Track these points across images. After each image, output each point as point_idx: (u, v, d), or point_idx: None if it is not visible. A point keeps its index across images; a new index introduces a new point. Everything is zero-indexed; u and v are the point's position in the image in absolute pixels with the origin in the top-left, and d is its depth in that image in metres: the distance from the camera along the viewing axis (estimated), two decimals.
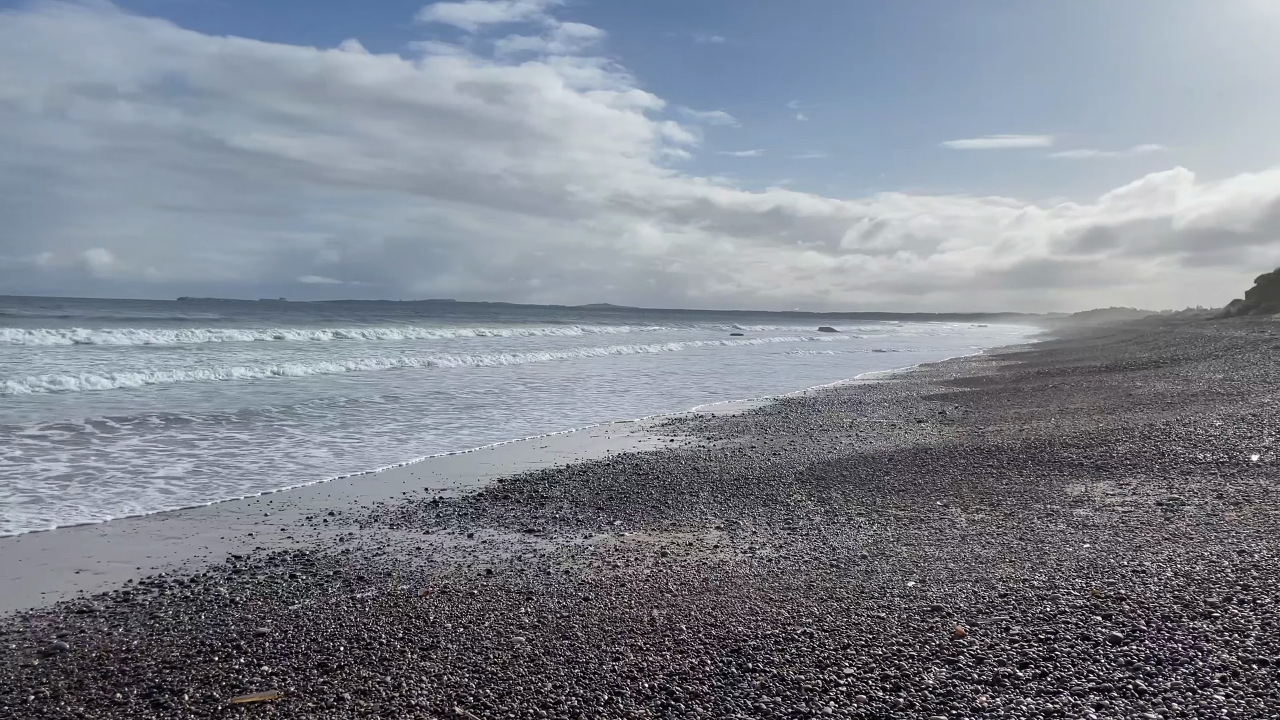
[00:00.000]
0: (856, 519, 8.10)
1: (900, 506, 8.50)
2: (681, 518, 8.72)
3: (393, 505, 9.97)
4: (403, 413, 18.22)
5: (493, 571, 6.89)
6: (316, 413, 17.78)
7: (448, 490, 10.80)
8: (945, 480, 9.58)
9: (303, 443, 14.04)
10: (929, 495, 8.92)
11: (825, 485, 9.81)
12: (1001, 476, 9.52)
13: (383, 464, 12.45)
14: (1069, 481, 9.12)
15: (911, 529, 7.53)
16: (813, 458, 11.89)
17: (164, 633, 5.51)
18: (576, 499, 9.90)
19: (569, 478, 11.22)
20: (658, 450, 13.55)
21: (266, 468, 12.09)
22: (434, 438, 14.90)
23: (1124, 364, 26.88)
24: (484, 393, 22.44)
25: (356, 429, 15.68)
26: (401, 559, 7.59)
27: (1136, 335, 52.39)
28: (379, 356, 33.91)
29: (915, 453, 11.54)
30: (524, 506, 9.67)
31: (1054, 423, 14.03)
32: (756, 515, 8.59)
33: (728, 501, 9.35)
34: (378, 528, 8.97)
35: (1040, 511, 7.87)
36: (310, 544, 8.29)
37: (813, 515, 8.39)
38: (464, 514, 9.40)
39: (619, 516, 8.92)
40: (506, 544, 7.96)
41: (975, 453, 11.06)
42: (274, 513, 9.63)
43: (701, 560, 6.88)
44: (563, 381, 26.78)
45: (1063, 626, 4.42)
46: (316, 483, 11.09)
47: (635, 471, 11.46)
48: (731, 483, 10.36)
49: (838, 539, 7.30)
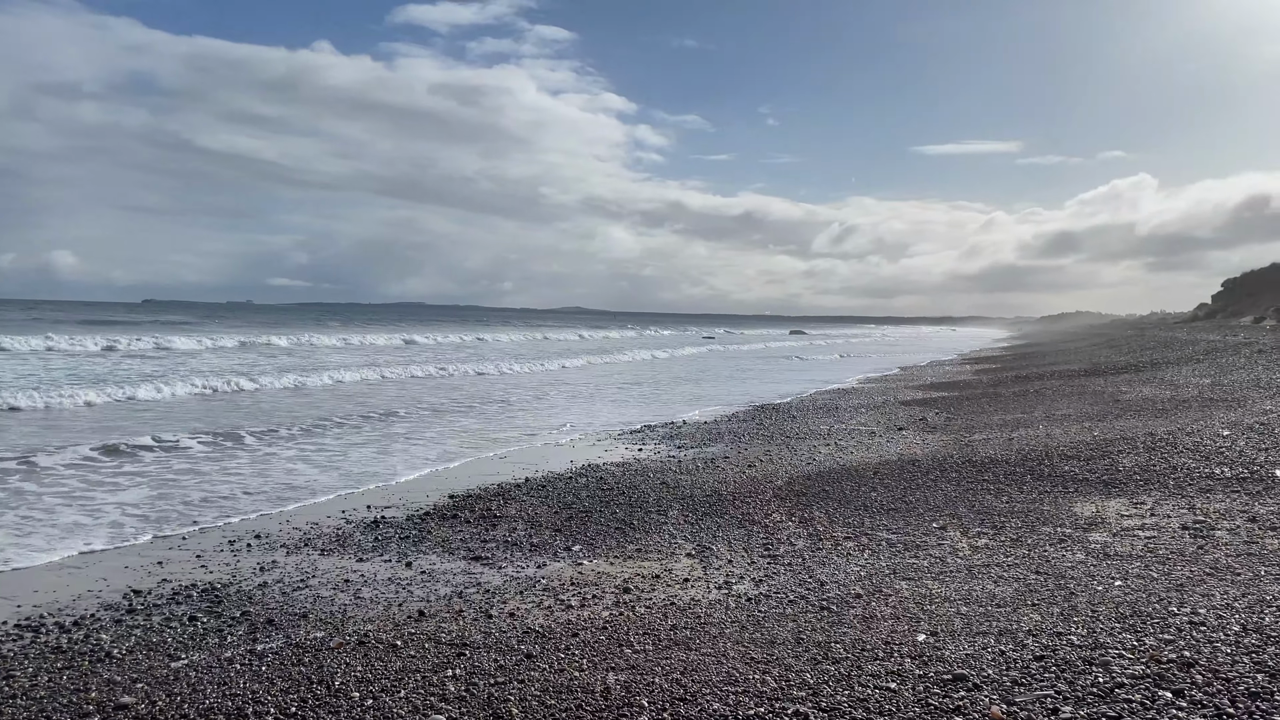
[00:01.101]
0: (844, 544, 7.19)
1: (892, 529, 7.61)
2: (649, 542, 7.77)
3: (328, 526, 8.95)
4: (370, 423, 17.12)
5: (425, 614, 5.90)
6: (269, 425, 16.64)
7: (392, 508, 9.78)
8: (938, 497, 8.70)
9: (258, 456, 12.92)
10: (922, 515, 8.04)
11: (807, 503, 8.91)
12: (1000, 493, 8.66)
13: (327, 474, 11.39)
14: (1076, 499, 8.27)
15: (908, 557, 6.63)
16: (791, 470, 10.99)
17: (5, 703, 4.47)
18: (533, 519, 8.93)
19: (527, 493, 10.24)
20: (625, 461, 12.60)
21: (203, 483, 10.99)
22: (397, 447, 13.84)
23: (1102, 368, 26.30)
24: (450, 399, 21.37)
25: (315, 440, 14.58)
26: (325, 594, 6.58)
27: (1107, 339, 52.20)
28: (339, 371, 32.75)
29: (902, 465, 10.68)
30: (474, 528, 8.69)
31: (1044, 430, 13.24)
32: (732, 539, 7.66)
33: (700, 522, 8.41)
34: (306, 553, 7.95)
35: (1051, 536, 7.00)
36: (225, 574, 7.26)
37: (794, 539, 7.48)
38: (406, 537, 8.41)
39: (578, 540, 7.96)
40: (448, 575, 6.98)
41: (967, 465, 10.20)
42: (194, 536, 8.57)
43: (670, 599, 5.93)
44: (534, 386, 25.75)
45: (1125, 708, 3.50)
46: (250, 499, 10.01)
47: (599, 486, 10.50)
48: (704, 499, 9.43)
49: (825, 570, 6.39)
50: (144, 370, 27.11)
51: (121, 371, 26.60)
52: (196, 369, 28.22)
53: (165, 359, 33.05)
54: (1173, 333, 48.04)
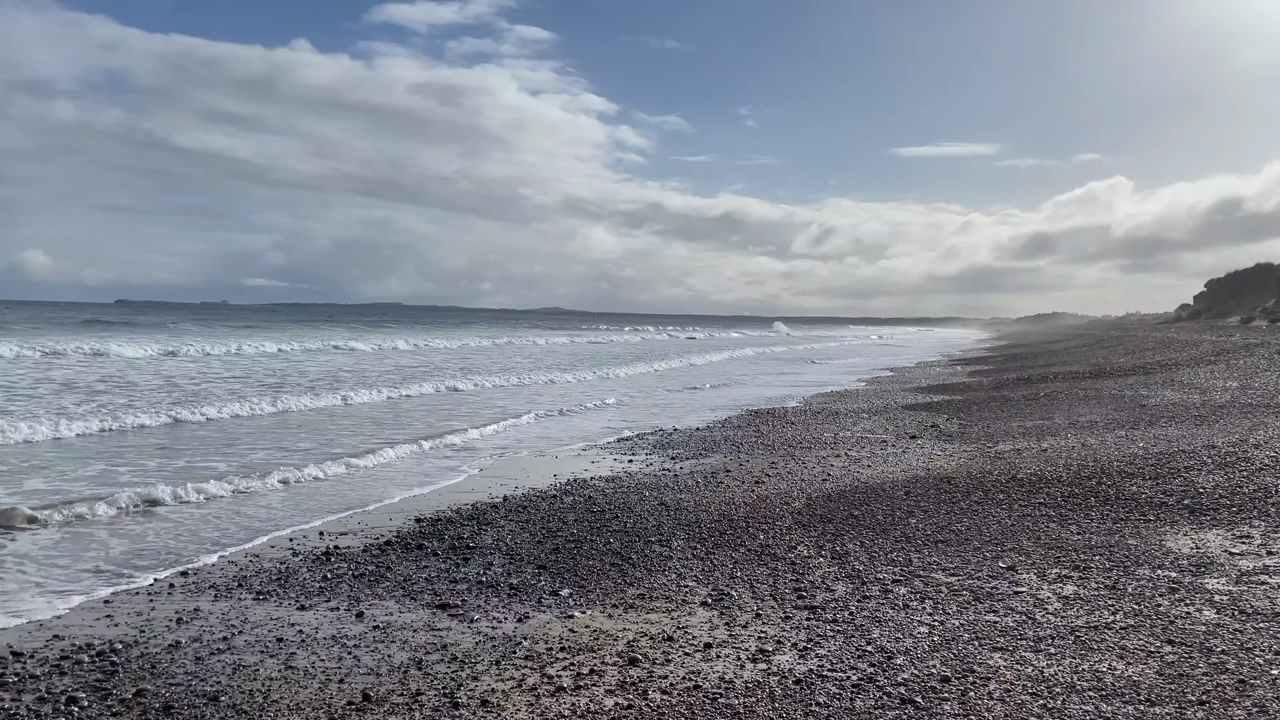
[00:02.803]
0: (896, 590, 5.86)
1: (948, 568, 6.29)
2: (653, 584, 6.41)
3: (271, 559, 7.55)
4: (337, 428, 15.61)
5: (372, 697, 4.51)
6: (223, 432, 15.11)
7: (349, 534, 8.39)
8: (991, 525, 7.40)
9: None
10: (980, 550, 6.73)
11: (835, 531, 7.58)
12: (1065, 521, 7.36)
13: (278, 490, 9.88)
14: (1163, 530, 6.99)
15: (984, 612, 5.31)
16: (807, 488, 9.66)
17: None
18: (512, 550, 7.55)
19: (505, 516, 8.86)
20: (615, 475, 11.24)
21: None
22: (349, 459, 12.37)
23: (1106, 369, 25.22)
24: (422, 407, 19.89)
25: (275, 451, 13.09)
26: (249, 661, 5.19)
27: (1095, 339, 51.36)
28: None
29: (934, 483, 9.38)
30: (442, 561, 7.31)
31: (1077, 440, 12.01)
32: (755, 581, 6.32)
33: (711, 556, 7.07)
34: (239, 597, 6.54)
35: (1155, 583, 5.70)
36: (133, 629, 5.86)
37: (831, 581, 6.14)
38: (361, 574, 7.01)
39: (567, 582, 6.59)
40: (407, 632, 5.60)
41: (1013, 485, 8.92)
42: (97, 559, 7.14)
43: (691, 676, 4.58)
44: (509, 388, 24.31)
45: None
46: (181, 515, 8.52)
47: (589, 507, 9.14)
48: (711, 525, 8.09)
49: (885, 632, 5.05)
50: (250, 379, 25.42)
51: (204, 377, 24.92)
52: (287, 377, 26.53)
53: (234, 363, 31.26)
54: (1162, 333, 47.25)
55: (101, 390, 19.98)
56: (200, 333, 54.34)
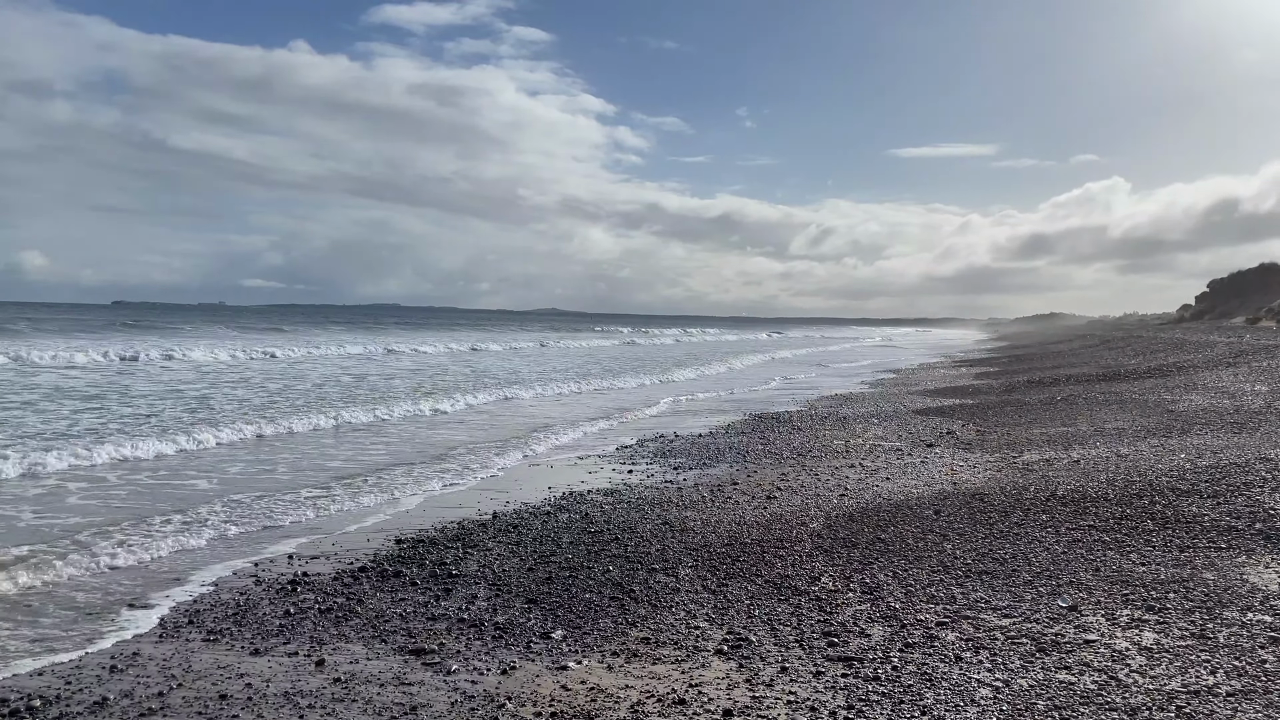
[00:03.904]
0: (942, 636, 5.04)
1: (999, 607, 5.47)
2: (659, 624, 5.59)
3: (231, 587, 6.74)
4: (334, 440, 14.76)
5: None
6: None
7: (321, 557, 7.57)
8: (1039, 553, 6.57)
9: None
10: (1031, 583, 5.91)
11: (862, 558, 6.76)
12: (1123, 548, 6.53)
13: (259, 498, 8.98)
14: (1239, 559, 6.16)
15: (1054, 668, 4.49)
16: (825, 505, 8.84)
17: None
18: (499, 580, 6.73)
19: (493, 537, 8.04)
20: (613, 487, 10.42)
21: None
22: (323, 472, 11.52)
23: (1120, 372, 24.42)
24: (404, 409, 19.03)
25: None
26: None
27: (1099, 340, 50.57)
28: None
29: (964, 500, 8.55)
30: (421, 593, 6.49)
31: (1109, 450, 11.20)
32: (776, 621, 5.50)
33: (724, 589, 6.25)
34: (187, 637, 5.72)
35: (1250, 629, 4.88)
36: (59, 679, 5.04)
37: (866, 625, 5.32)
38: (328, 608, 6.19)
39: (560, 620, 5.77)
40: (370, 688, 4.77)
41: (1053, 502, 8.09)
42: (40, 597, 6.30)
43: None
44: (488, 386, 23.45)
45: None
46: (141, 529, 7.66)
47: (585, 527, 8.31)
48: (722, 550, 7.26)
49: (939, 696, 4.23)
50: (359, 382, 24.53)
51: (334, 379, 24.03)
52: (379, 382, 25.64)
53: (312, 363, 30.34)
54: (1168, 334, 46.44)
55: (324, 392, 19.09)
56: (280, 335, 54.39)
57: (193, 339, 45.52)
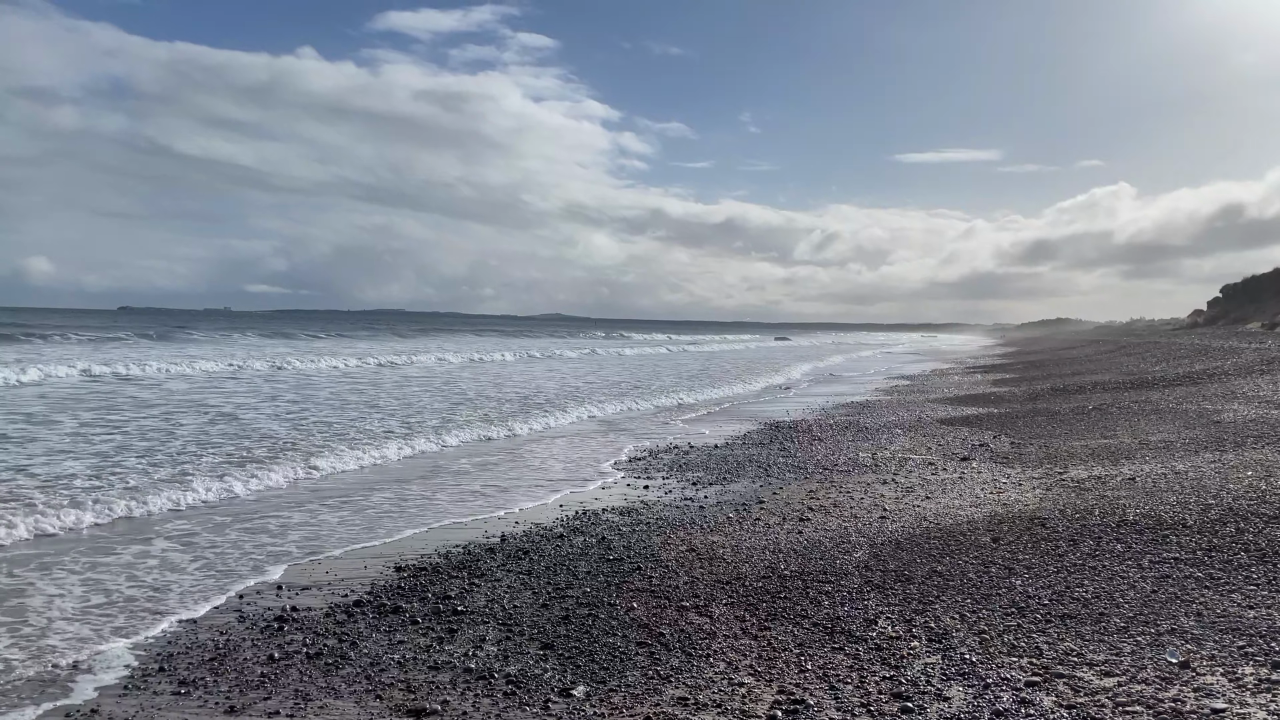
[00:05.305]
0: (1037, 700, 4.27)
1: (1096, 663, 4.69)
2: (698, 678, 4.82)
3: (210, 626, 5.99)
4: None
5: None
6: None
7: (314, 589, 6.83)
8: (1125, 591, 5.79)
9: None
10: (1125, 630, 5.13)
11: (921, 596, 5.98)
12: (1220, 586, 5.74)
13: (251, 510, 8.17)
14: None
15: None
16: (866, 529, 8.06)
17: None
18: (510, 617, 5.98)
19: (503, 564, 7.29)
20: (630, 506, 9.66)
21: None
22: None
23: (1148, 379, 23.62)
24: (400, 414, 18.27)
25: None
26: None
27: (1114, 346, 49.74)
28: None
29: (1022, 525, 7.77)
30: (422, 633, 5.74)
31: (1164, 466, 10.42)
32: (834, 677, 4.73)
33: (766, 633, 5.47)
34: (154, 690, 4.97)
35: None
36: None
37: (942, 686, 4.54)
38: (318, 652, 5.44)
39: (582, 672, 5.00)
40: None
41: (1124, 529, 7.30)
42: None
43: None
44: (494, 393, 22.68)
45: None
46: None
47: (603, 553, 7.56)
48: (758, 583, 6.49)
49: None
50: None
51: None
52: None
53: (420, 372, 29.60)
54: (1184, 339, 45.57)
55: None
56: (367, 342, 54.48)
57: (301, 348, 44.28)
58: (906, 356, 56.63)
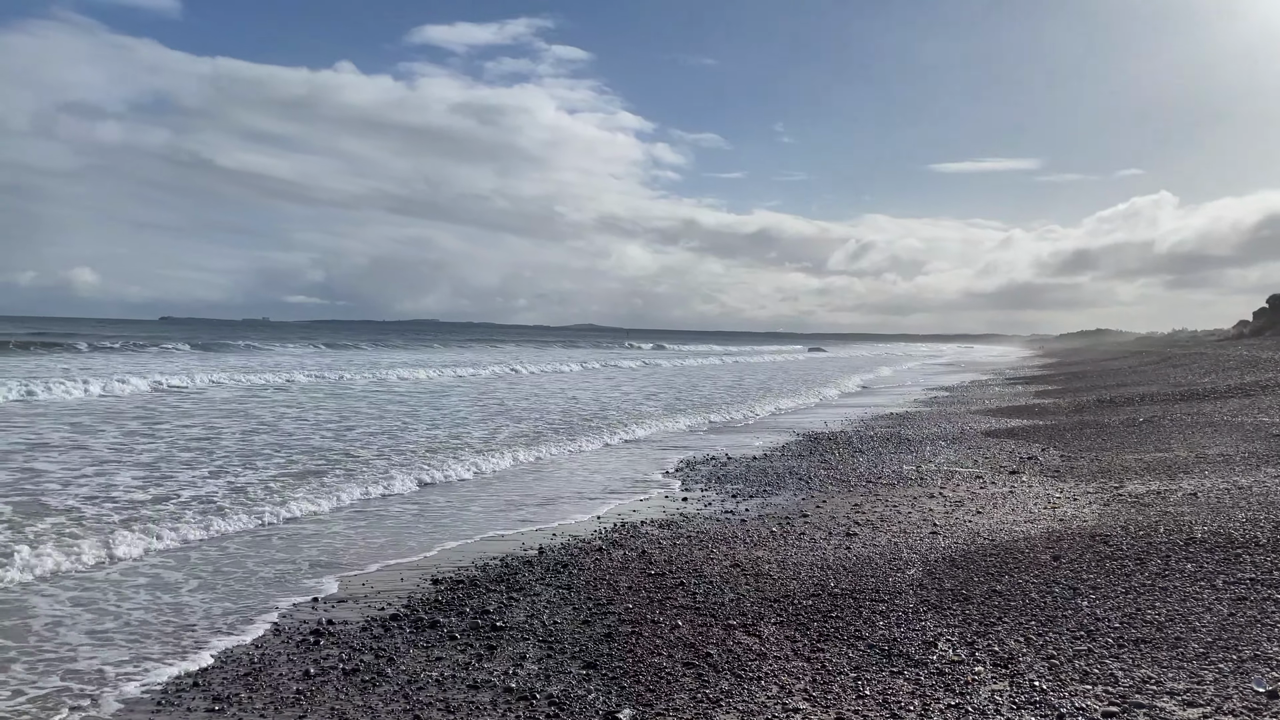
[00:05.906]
0: None
1: (1177, 692, 4.39)
2: (750, 703, 4.59)
3: (249, 639, 5.84)
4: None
5: None
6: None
7: (350, 602, 6.67)
8: (1200, 614, 5.47)
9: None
10: (1205, 656, 4.82)
11: (982, 618, 5.69)
12: None
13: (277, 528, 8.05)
14: None
15: None
16: (917, 545, 7.77)
17: None
18: (551, 634, 5.78)
19: (540, 579, 7.09)
20: (669, 518, 9.44)
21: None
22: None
23: (1198, 391, 22.99)
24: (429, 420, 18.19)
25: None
26: None
27: (1158, 357, 48.67)
28: None
29: (1083, 542, 7.44)
30: (460, 650, 5.55)
31: (1225, 481, 10.01)
32: (895, 704, 4.47)
33: (819, 654, 5.22)
34: (190, 704, 4.83)
35: None
36: None
37: (1011, 714, 4.26)
38: (354, 670, 5.27)
39: (627, 694, 4.79)
40: None
41: (1194, 548, 6.95)
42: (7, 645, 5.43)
43: None
44: (516, 404, 22.57)
45: None
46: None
47: (644, 566, 7.34)
48: (807, 601, 6.24)
49: None
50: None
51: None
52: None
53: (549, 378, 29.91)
54: (1230, 350, 44.48)
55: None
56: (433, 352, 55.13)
57: (375, 359, 44.49)
58: (940, 368, 55.88)
